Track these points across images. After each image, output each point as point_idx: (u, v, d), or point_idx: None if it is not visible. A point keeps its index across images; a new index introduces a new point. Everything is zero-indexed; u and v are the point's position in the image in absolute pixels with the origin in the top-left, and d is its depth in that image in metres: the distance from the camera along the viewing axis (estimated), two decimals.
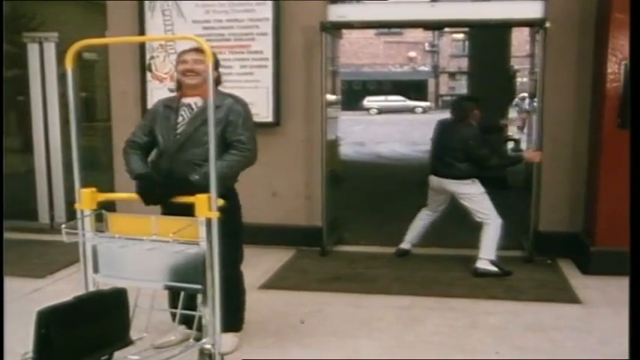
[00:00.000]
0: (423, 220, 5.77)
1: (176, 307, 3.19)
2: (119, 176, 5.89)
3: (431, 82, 42.49)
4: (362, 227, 6.76)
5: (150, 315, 3.15)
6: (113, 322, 2.93)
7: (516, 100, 16.01)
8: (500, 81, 10.18)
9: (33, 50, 6.77)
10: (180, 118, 3.49)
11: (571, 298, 4.65)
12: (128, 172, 3.49)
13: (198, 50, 3.41)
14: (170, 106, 3.54)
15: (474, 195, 5.31)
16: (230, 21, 5.92)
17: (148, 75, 6.12)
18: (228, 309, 3.06)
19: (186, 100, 3.51)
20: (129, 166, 3.48)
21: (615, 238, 4.68)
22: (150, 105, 5.54)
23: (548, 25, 5.31)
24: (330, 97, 6.10)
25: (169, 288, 3.17)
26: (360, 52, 38.88)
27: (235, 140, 3.43)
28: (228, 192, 3.39)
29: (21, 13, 8.12)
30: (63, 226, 3.04)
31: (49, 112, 6.81)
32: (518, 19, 5.92)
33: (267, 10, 5.84)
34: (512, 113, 11.22)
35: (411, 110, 37.60)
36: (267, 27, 5.86)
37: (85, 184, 3.10)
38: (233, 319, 3.56)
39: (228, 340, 3.47)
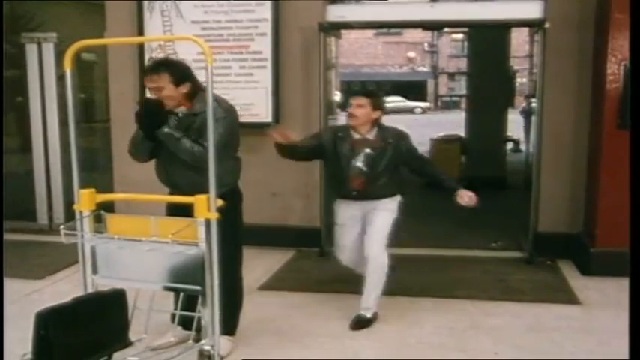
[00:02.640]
0: None
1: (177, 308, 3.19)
2: (118, 177, 5.90)
3: (430, 83, 42.48)
4: None
5: (149, 316, 3.14)
6: (112, 324, 2.93)
7: (523, 105, 15.19)
8: (500, 81, 10.17)
9: (31, 51, 6.76)
10: (167, 128, 3.46)
11: (571, 298, 4.64)
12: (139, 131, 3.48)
13: (153, 73, 3.43)
14: (168, 111, 3.49)
15: None
16: (229, 21, 5.91)
17: None
18: (223, 313, 3.05)
19: (175, 109, 3.48)
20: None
21: (615, 239, 4.67)
22: None
23: (547, 25, 5.30)
24: (330, 98, 6.10)
25: (168, 289, 3.17)
26: (359, 53, 38.87)
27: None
28: (229, 191, 3.38)
29: (20, 13, 8.11)
30: (62, 227, 3.04)
31: (48, 112, 6.80)
32: (517, 20, 5.92)
33: (266, 11, 5.83)
34: (513, 114, 11.12)
35: (410, 111, 37.59)
36: (266, 27, 5.85)
37: (83, 184, 3.10)
38: (228, 323, 3.55)
39: (222, 343, 3.44)
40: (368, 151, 3.99)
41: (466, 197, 4.03)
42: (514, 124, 10.71)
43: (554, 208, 5.62)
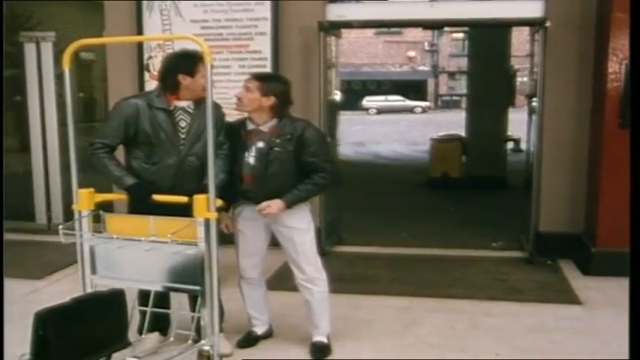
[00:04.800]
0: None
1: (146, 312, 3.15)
2: None
3: (430, 82, 42.47)
4: (361, 228, 6.75)
5: (148, 316, 3.13)
6: (111, 324, 2.92)
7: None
8: (500, 81, 10.16)
9: (30, 50, 6.75)
10: (183, 123, 3.40)
11: (572, 299, 4.62)
12: (113, 181, 3.40)
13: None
14: (161, 108, 3.38)
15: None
16: (228, 20, 5.90)
17: (146, 75, 6.09)
18: None
19: (180, 104, 3.40)
20: (110, 174, 3.34)
21: (616, 239, 4.66)
22: None
23: (548, 24, 5.28)
24: (330, 97, 6.08)
25: (168, 289, 3.15)
26: (359, 52, 38.86)
27: (219, 144, 3.37)
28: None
29: (18, 12, 8.10)
30: (60, 227, 3.03)
31: (47, 112, 6.78)
32: (518, 19, 5.90)
33: (265, 10, 5.82)
34: (519, 114, 11.05)
35: (411, 110, 37.59)
36: (266, 26, 5.84)
37: (82, 184, 3.09)
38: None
39: (222, 343, 3.40)
40: (260, 144, 3.44)
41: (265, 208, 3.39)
42: (519, 124, 10.66)
43: (555, 207, 5.60)
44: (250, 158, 3.45)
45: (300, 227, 3.57)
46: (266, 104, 3.42)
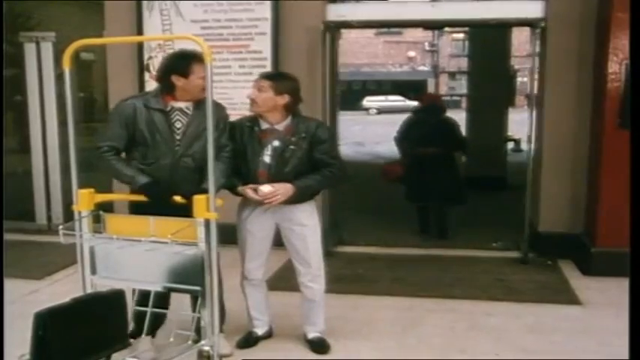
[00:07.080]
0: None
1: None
2: None
3: (430, 82, 42.45)
4: (362, 228, 6.75)
5: (148, 317, 3.12)
6: (111, 324, 2.92)
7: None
8: (500, 81, 10.15)
9: (30, 50, 6.75)
10: (179, 124, 3.38)
11: (571, 299, 4.63)
12: (126, 182, 3.37)
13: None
14: (158, 109, 3.35)
15: None
16: (229, 20, 5.90)
17: (146, 75, 6.09)
18: None
19: (177, 104, 3.38)
20: (122, 175, 3.33)
21: (616, 239, 4.66)
22: None
23: (548, 24, 5.28)
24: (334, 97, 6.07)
25: (168, 289, 3.15)
26: (359, 52, 38.85)
27: (221, 146, 3.38)
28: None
29: (18, 12, 8.09)
30: (60, 227, 3.02)
31: (47, 112, 6.79)
32: (518, 19, 5.90)
33: (266, 10, 5.82)
34: (514, 114, 11.07)
35: (411, 110, 37.54)
36: (266, 27, 5.84)
37: (82, 184, 3.08)
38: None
39: (222, 343, 3.39)
40: (276, 143, 3.45)
41: (263, 190, 3.37)
42: (518, 124, 10.67)
43: (554, 207, 5.61)
44: (266, 157, 3.46)
45: (312, 225, 3.63)
46: (280, 103, 3.45)
